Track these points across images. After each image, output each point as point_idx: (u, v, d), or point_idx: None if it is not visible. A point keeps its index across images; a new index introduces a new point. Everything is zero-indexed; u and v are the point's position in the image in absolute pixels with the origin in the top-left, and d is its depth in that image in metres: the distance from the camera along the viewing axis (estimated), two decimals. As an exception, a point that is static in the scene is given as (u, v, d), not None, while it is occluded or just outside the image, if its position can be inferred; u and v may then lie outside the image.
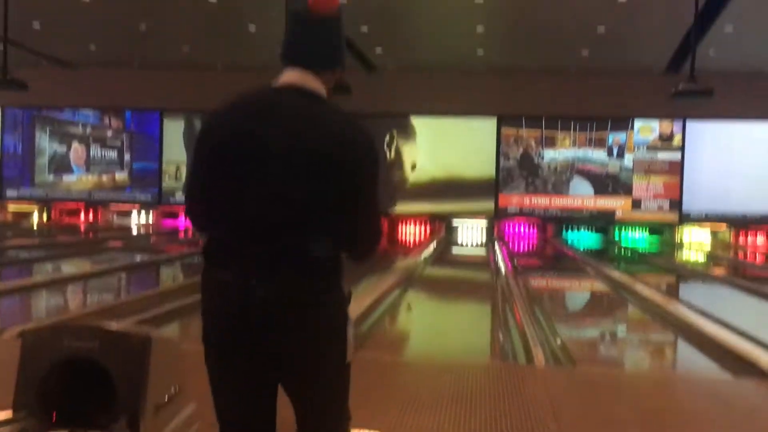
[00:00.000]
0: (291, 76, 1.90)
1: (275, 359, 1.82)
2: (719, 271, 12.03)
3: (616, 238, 17.54)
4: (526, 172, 17.83)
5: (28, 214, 18.90)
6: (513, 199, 17.87)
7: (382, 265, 9.98)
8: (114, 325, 2.41)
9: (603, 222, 17.73)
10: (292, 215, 1.78)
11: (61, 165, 19.20)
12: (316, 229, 1.80)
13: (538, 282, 10.10)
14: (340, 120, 1.86)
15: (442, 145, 17.89)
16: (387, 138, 17.82)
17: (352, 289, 1.92)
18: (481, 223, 17.95)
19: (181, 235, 16.59)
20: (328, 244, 1.81)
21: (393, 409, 3.81)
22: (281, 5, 11.27)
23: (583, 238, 17.65)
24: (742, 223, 17.29)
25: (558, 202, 17.76)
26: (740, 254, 15.58)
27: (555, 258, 14.43)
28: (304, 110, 1.83)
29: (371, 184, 1.87)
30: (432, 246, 14.40)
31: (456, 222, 18.08)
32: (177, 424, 2.45)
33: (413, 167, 17.96)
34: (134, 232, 17.28)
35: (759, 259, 14.93)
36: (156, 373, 2.27)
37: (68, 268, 10.01)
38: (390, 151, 17.92)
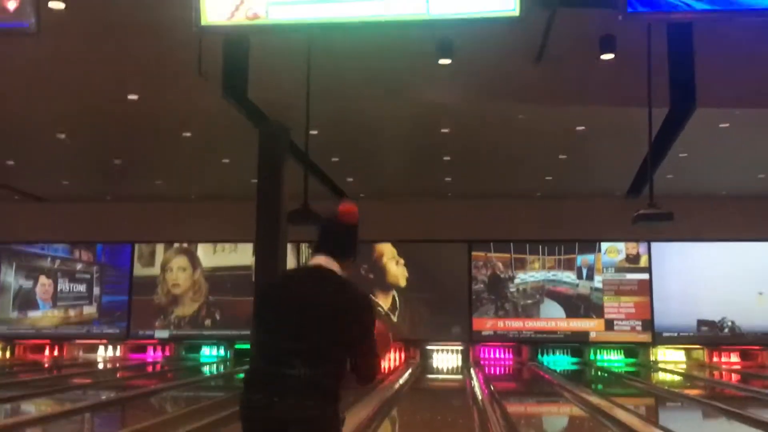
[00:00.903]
0: (319, 259, 2.69)
1: None
2: (695, 392, 11.95)
3: (592, 360, 17.46)
4: (494, 296, 17.94)
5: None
6: (487, 323, 17.84)
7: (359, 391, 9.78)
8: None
9: (577, 344, 17.71)
10: (310, 352, 2.48)
11: (26, 300, 18.85)
12: (326, 362, 2.48)
13: (515, 408, 9.93)
14: (346, 287, 2.64)
15: (415, 271, 18.04)
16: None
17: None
18: (457, 348, 17.81)
19: (149, 368, 16.14)
20: (333, 375, 2.50)
21: None
22: (254, 139, 11.66)
23: (559, 361, 17.53)
24: (715, 343, 17.41)
25: (531, 325, 17.77)
26: (716, 374, 15.55)
27: (531, 382, 14.25)
28: (323, 281, 2.62)
29: (367, 329, 2.59)
30: (407, 373, 14.17)
31: (430, 347, 17.92)
32: None
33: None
34: (101, 367, 16.77)
35: (734, 378, 14.91)
36: None
37: (29, 408, 9.61)
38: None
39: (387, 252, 18.24)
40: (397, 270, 18.12)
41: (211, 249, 18.63)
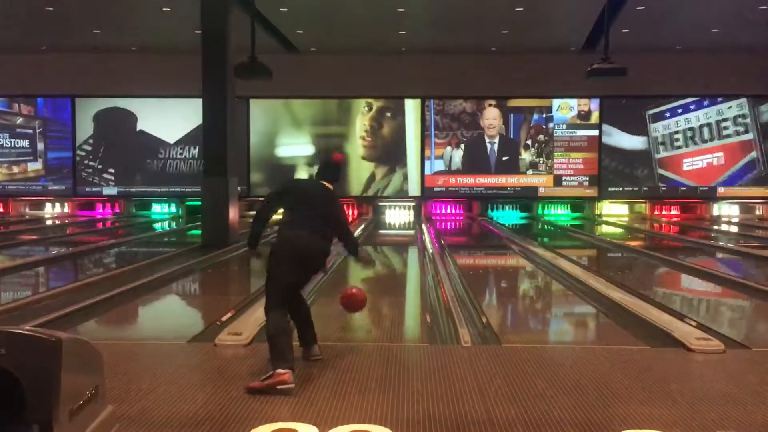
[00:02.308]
0: (319, 179, 4.72)
1: (308, 265, 4.43)
2: (636, 244, 12.50)
3: (540, 214, 18.02)
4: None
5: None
6: (438, 180, 18.06)
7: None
8: (22, 329, 2.30)
9: (526, 199, 18.18)
10: (319, 216, 4.47)
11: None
12: (326, 224, 4.48)
13: (464, 260, 10.26)
14: (331, 192, 4.65)
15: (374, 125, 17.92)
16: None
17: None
18: (409, 204, 18.12)
19: (99, 225, 16.06)
20: (330, 230, 4.52)
21: (324, 391, 3.81)
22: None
23: (508, 216, 18.03)
24: (658, 196, 18.07)
25: (482, 181, 18.06)
26: (656, 226, 16.23)
27: (481, 236, 14.68)
28: (321, 188, 4.64)
29: (341, 212, 4.68)
30: (360, 228, 14.42)
31: (382, 203, 18.18)
32: (95, 428, 2.37)
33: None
34: (49, 224, 16.61)
35: (673, 230, 15.61)
36: (69, 377, 2.18)
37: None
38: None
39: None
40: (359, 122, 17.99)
41: (158, 104, 18.08)
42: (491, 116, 18.00)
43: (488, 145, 18.01)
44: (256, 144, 18.09)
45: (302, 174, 17.61)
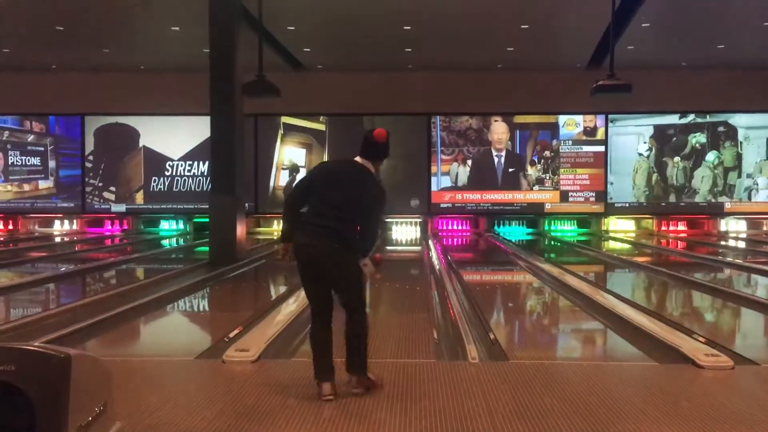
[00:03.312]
0: (360, 159, 4.13)
1: (327, 277, 3.98)
2: (643, 259, 12.46)
3: (546, 230, 17.99)
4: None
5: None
6: (445, 196, 18.07)
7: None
8: (32, 346, 2.31)
9: (533, 215, 18.16)
10: (339, 202, 3.95)
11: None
12: (346, 212, 3.94)
13: (471, 276, 10.24)
14: (363, 170, 4.08)
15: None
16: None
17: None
18: (415, 220, 18.12)
19: (108, 241, 16.12)
20: (353, 229, 3.97)
21: (330, 408, 3.80)
22: (204, 3, 11.10)
23: (514, 232, 18.01)
24: (665, 212, 18.03)
25: (489, 197, 18.05)
26: (663, 242, 16.18)
27: (487, 251, 14.66)
28: (352, 166, 4.11)
29: (374, 205, 4.06)
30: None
31: (389, 219, 18.18)
32: (103, 445, 2.37)
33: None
34: (58, 240, 16.67)
35: (680, 245, 15.55)
36: (78, 393, 2.18)
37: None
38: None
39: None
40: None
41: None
42: (500, 130, 18.03)
43: (495, 158, 18.04)
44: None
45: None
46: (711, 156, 17.83)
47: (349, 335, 4.04)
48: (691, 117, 17.80)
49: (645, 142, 17.88)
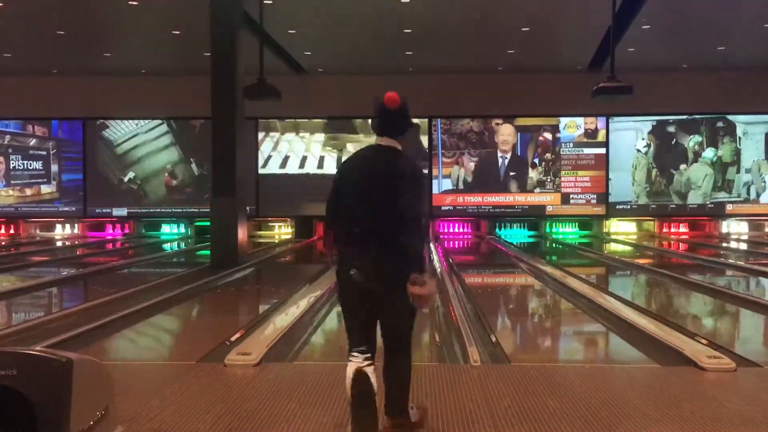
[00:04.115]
0: (382, 140, 3.39)
1: (371, 299, 3.24)
2: (644, 261, 12.44)
3: (548, 232, 17.98)
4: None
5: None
6: (446, 198, 18.07)
7: (325, 263, 9.98)
8: (33, 350, 2.32)
9: (534, 218, 18.15)
10: (378, 214, 3.21)
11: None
12: (391, 222, 3.15)
13: (472, 279, 10.24)
14: (394, 159, 3.30)
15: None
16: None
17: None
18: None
19: (109, 245, 16.12)
20: (399, 232, 3.13)
21: (332, 411, 3.80)
22: (205, 7, 11.13)
23: (516, 234, 18.00)
24: (666, 214, 18.01)
25: (490, 200, 18.05)
26: (665, 244, 16.16)
27: (489, 254, 14.65)
28: (379, 160, 3.34)
29: (411, 185, 3.22)
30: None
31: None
32: (105, 448, 2.37)
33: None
34: (60, 245, 16.68)
35: (682, 247, 15.54)
36: (79, 397, 2.19)
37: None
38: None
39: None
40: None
41: (167, 125, 18.19)
42: (506, 132, 18.04)
43: (500, 159, 18.04)
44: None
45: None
46: (710, 153, 17.82)
47: (392, 377, 3.37)
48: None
49: (643, 139, 17.89)
